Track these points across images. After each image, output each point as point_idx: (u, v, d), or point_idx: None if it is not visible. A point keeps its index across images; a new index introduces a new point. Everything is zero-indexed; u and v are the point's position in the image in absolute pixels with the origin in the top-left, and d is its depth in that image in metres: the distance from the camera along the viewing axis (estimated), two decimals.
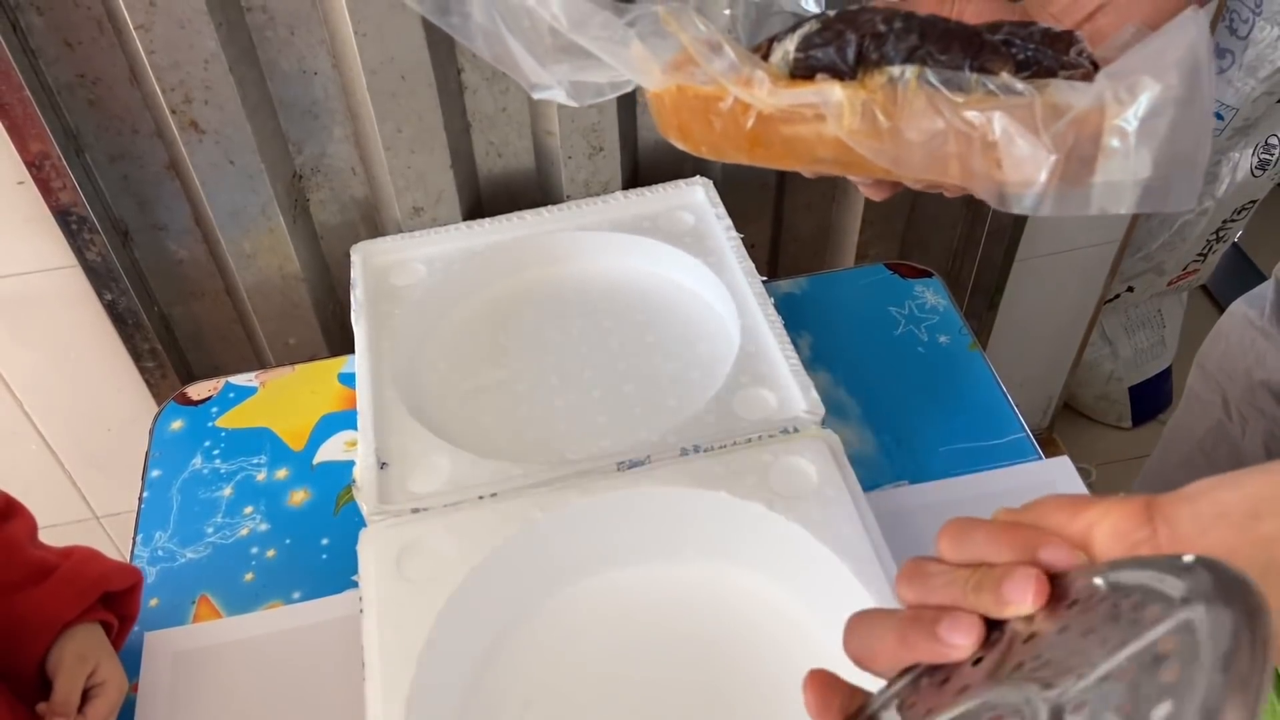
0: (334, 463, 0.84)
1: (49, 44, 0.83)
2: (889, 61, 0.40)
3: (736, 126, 0.43)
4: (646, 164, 1.04)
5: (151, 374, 1.03)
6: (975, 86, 0.39)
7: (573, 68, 0.45)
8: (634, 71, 0.44)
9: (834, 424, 0.72)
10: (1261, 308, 0.97)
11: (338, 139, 0.95)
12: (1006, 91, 0.38)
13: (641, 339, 0.84)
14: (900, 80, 0.39)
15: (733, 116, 0.43)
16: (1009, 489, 0.79)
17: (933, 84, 0.39)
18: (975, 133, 0.39)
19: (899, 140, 0.40)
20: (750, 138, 0.43)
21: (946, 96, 0.39)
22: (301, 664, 0.71)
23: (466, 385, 0.81)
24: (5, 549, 0.64)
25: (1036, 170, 0.38)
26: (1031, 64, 0.40)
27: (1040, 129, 0.38)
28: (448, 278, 0.87)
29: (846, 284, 0.99)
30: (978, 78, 0.39)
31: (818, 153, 0.42)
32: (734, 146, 0.44)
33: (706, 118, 0.44)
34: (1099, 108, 0.38)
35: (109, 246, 0.92)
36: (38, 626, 0.63)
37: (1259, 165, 1.36)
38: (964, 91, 0.39)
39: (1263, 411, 0.99)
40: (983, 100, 0.38)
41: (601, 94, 0.46)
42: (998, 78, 0.39)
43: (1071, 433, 1.69)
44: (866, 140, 0.40)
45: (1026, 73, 0.40)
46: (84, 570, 0.66)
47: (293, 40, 0.87)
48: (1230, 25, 1.22)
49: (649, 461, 0.69)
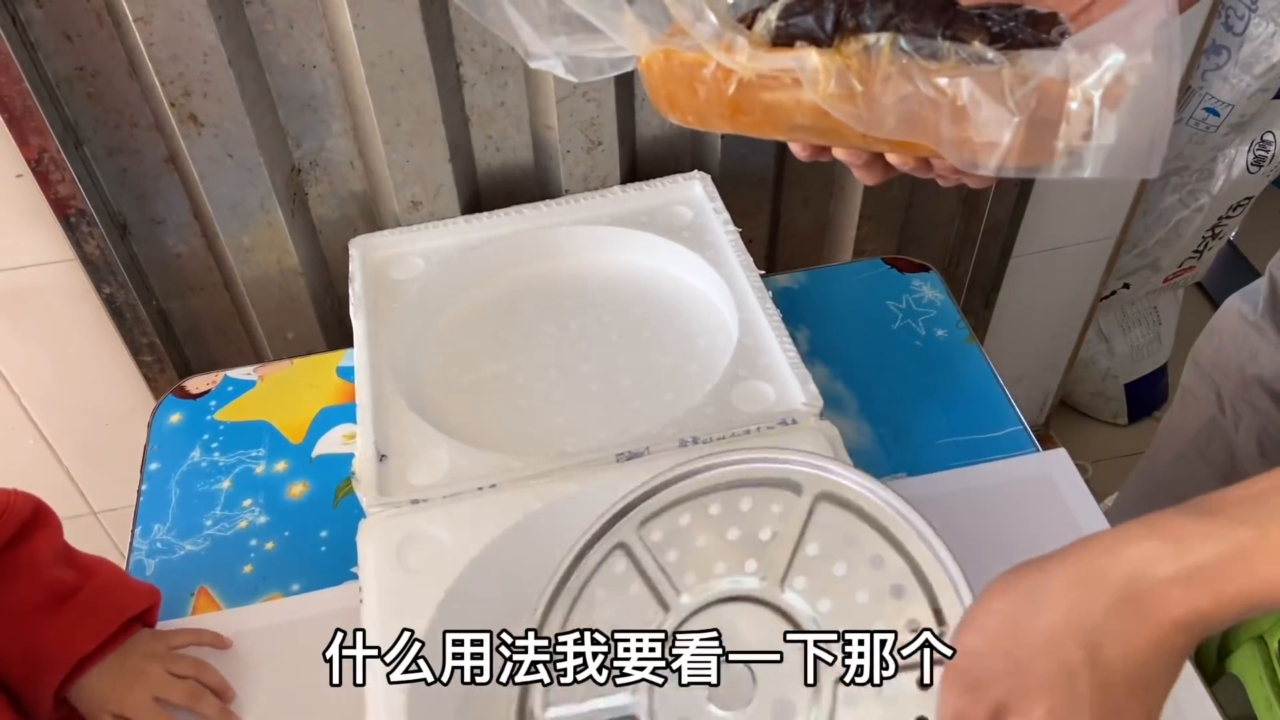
0: (333, 455, 0.84)
1: (48, 37, 0.83)
2: (865, 29, 0.42)
3: (719, 93, 0.45)
4: (645, 158, 1.05)
5: (150, 368, 1.03)
6: (948, 54, 0.41)
7: (570, 40, 0.46)
8: (624, 37, 0.46)
9: (832, 417, 0.72)
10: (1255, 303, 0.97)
11: (336, 133, 0.95)
12: (977, 60, 0.40)
13: (640, 333, 0.84)
14: (874, 48, 0.41)
15: (715, 83, 0.44)
16: (1006, 482, 0.80)
17: (906, 51, 0.41)
18: (944, 98, 0.40)
19: (873, 105, 0.41)
20: (732, 104, 0.45)
21: (919, 63, 0.41)
22: (301, 656, 0.71)
23: (466, 378, 0.82)
24: (28, 569, 0.63)
25: (1000, 132, 0.40)
26: (1006, 36, 0.41)
27: (1006, 94, 0.40)
28: (446, 272, 0.87)
29: (844, 278, 0.99)
30: (951, 46, 0.41)
31: (796, 119, 0.44)
32: (717, 114, 0.46)
33: (691, 85, 0.45)
34: (1064, 76, 0.40)
35: (107, 240, 0.92)
36: (55, 659, 0.62)
37: (1254, 162, 1.37)
38: (937, 59, 0.41)
39: (1255, 407, 0.99)
40: (954, 68, 0.40)
41: (601, 71, 0.48)
42: (970, 46, 0.41)
43: (1067, 429, 1.70)
44: (841, 105, 0.42)
45: (1000, 44, 0.41)
46: (104, 599, 0.66)
47: (292, 33, 0.87)
48: (1226, 22, 1.23)
49: (648, 453, 0.70)
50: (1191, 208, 1.42)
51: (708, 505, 0.50)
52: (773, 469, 0.49)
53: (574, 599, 0.49)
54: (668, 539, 0.49)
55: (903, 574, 0.45)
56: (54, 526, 0.66)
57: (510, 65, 0.94)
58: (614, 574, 0.50)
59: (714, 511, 0.49)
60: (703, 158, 1.04)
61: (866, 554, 0.46)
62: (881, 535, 0.47)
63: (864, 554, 0.46)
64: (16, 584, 0.62)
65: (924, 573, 0.45)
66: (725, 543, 0.48)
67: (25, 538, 0.63)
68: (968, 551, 0.76)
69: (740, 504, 0.49)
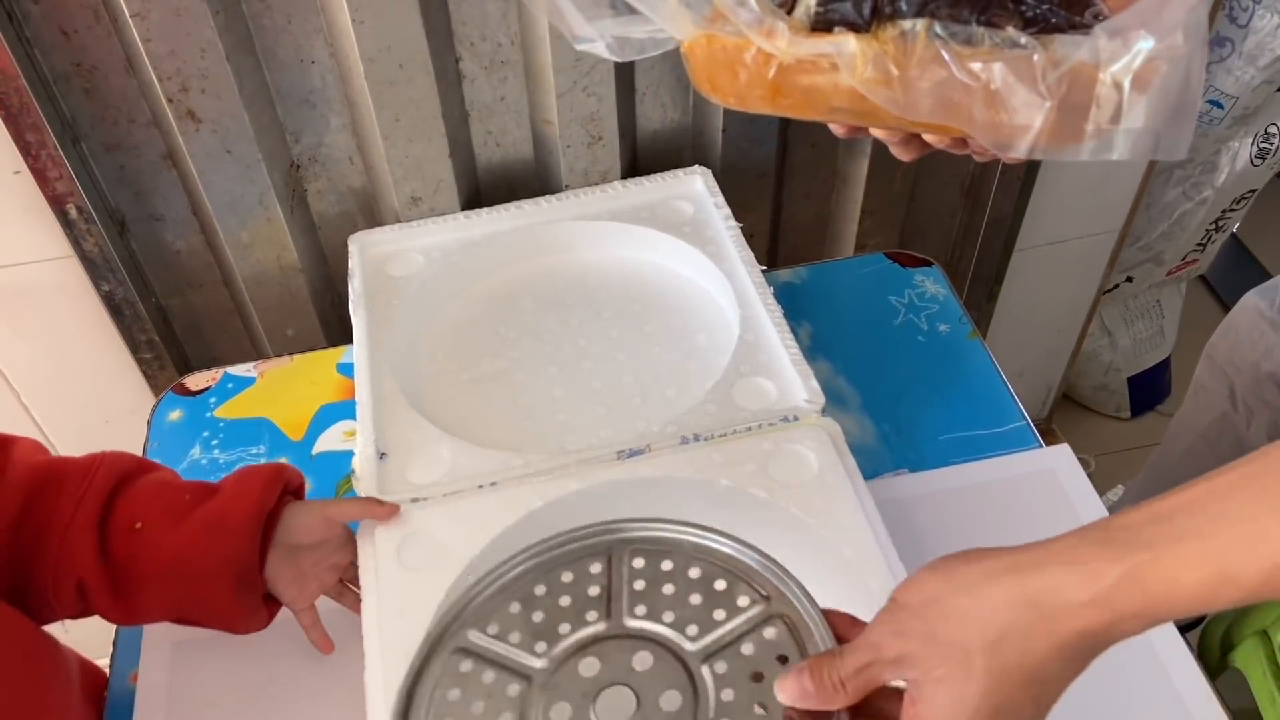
0: (333, 452, 0.84)
1: (45, 32, 0.82)
2: (901, 15, 0.43)
3: (759, 76, 0.46)
4: (645, 153, 1.04)
5: (149, 365, 1.03)
6: (982, 39, 0.42)
7: (615, 23, 0.48)
8: (668, 22, 0.47)
9: (834, 413, 0.72)
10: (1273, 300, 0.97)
11: (335, 128, 0.94)
12: (1010, 45, 0.41)
13: (641, 329, 0.83)
14: (910, 33, 0.42)
15: (756, 67, 0.46)
16: (1009, 477, 0.79)
17: (941, 36, 0.42)
18: (978, 83, 0.42)
19: (908, 89, 0.43)
20: (772, 87, 0.46)
21: (953, 48, 0.42)
22: (301, 654, 0.71)
23: (466, 375, 0.81)
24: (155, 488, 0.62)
25: (1032, 116, 0.41)
26: (1039, 20, 0.42)
27: (1038, 79, 0.41)
28: (446, 268, 0.86)
29: (846, 273, 0.99)
30: (985, 31, 0.42)
31: (834, 102, 0.46)
32: (758, 96, 0.47)
33: (733, 69, 0.47)
34: (1095, 60, 0.41)
35: (106, 237, 0.91)
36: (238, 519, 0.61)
37: (1258, 154, 1.36)
38: (971, 45, 0.42)
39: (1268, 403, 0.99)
40: (988, 53, 0.42)
41: (644, 50, 0.49)
42: (1003, 32, 0.42)
43: (1070, 423, 1.69)
44: (877, 89, 0.43)
45: (1034, 29, 0.42)
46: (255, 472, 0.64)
47: (290, 28, 0.87)
48: (1230, 14, 1.22)
49: (649, 450, 0.69)
50: (1195, 201, 1.41)
51: (532, 587, 0.55)
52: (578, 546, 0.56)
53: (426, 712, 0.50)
54: (505, 627, 0.53)
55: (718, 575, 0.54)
56: (170, 471, 0.66)
57: (510, 60, 0.93)
58: (461, 673, 0.52)
59: (540, 591, 0.55)
60: (703, 152, 1.04)
61: (681, 573, 0.54)
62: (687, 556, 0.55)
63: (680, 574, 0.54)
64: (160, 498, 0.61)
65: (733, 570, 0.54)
66: (560, 609, 0.54)
67: (140, 474, 0.63)
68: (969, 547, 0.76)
69: (562, 578, 0.55)
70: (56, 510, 0.59)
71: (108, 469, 0.62)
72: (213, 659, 0.71)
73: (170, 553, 0.60)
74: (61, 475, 0.61)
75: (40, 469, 0.61)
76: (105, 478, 0.61)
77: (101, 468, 0.62)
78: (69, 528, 0.59)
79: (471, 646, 0.53)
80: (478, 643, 0.53)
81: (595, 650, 0.52)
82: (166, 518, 0.61)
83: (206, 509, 0.61)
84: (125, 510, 0.61)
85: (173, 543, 0.60)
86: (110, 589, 0.60)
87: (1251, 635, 1.09)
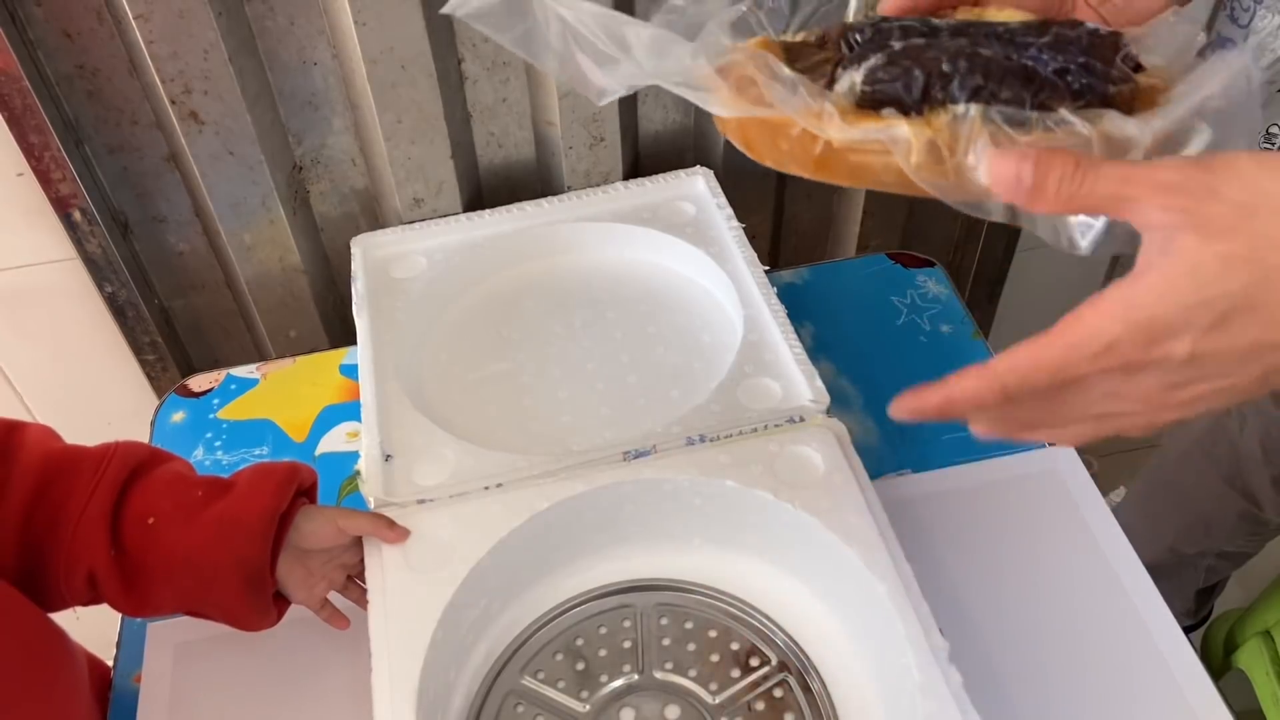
0: (336, 454, 0.84)
1: (48, 34, 0.82)
2: (954, 100, 0.41)
3: (804, 151, 0.44)
4: (647, 154, 1.04)
5: (152, 367, 1.03)
6: (1035, 124, 0.40)
7: (631, 72, 0.46)
8: (715, 106, 0.45)
9: (837, 413, 0.72)
10: None
11: (338, 130, 0.94)
12: (1063, 125, 0.40)
13: (644, 330, 0.83)
14: (963, 118, 0.41)
15: (801, 142, 0.44)
16: (1012, 477, 0.79)
17: (994, 121, 0.40)
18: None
19: (962, 175, 0.41)
20: (817, 162, 0.45)
21: (1009, 134, 0.40)
22: (306, 655, 0.71)
23: (469, 377, 0.81)
24: (168, 481, 0.62)
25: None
26: (1085, 93, 0.41)
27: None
28: (449, 270, 0.86)
29: (848, 274, 0.99)
30: (1038, 115, 0.40)
31: (883, 179, 0.44)
32: (800, 166, 0.45)
33: (774, 140, 0.45)
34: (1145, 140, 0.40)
35: (109, 239, 0.91)
36: (252, 520, 0.60)
37: None
38: (1024, 128, 0.40)
39: (1261, 410, 0.99)
40: (1042, 138, 0.40)
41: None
42: (1055, 114, 0.40)
43: None
44: (929, 175, 0.42)
45: (1081, 102, 0.41)
46: (269, 471, 0.64)
47: (292, 30, 0.87)
48: (1231, 14, 1.22)
49: (654, 451, 0.69)
50: None
51: (573, 639, 0.66)
52: (610, 601, 0.68)
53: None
54: (551, 674, 0.64)
55: (733, 638, 0.65)
56: (183, 462, 0.65)
57: (512, 61, 0.93)
58: (517, 713, 0.63)
59: (579, 643, 0.66)
60: (706, 153, 1.04)
61: (702, 633, 0.66)
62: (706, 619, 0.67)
63: (701, 633, 0.66)
64: (173, 492, 0.61)
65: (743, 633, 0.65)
66: (600, 659, 0.65)
67: (153, 466, 0.63)
68: (973, 548, 0.77)
69: (600, 631, 0.66)
70: (70, 499, 0.59)
71: (121, 459, 0.61)
72: (216, 661, 0.71)
73: (183, 550, 0.60)
74: (75, 464, 0.60)
75: (54, 456, 0.60)
76: (119, 469, 0.61)
77: (115, 458, 0.61)
78: (82, 518, 0.59)
79: (524, 690, 0.63)
80: (530, 687, 0.63)
81: (631, 700, 0.63)
82: (179, 513, 0.60)
83: (220, 507, 0.61)
84: (138, 503, 0.60)
85: (185, 540, 0.60)
86: (121, 581, 0.60)
87: (1254, 636, 1.09)
